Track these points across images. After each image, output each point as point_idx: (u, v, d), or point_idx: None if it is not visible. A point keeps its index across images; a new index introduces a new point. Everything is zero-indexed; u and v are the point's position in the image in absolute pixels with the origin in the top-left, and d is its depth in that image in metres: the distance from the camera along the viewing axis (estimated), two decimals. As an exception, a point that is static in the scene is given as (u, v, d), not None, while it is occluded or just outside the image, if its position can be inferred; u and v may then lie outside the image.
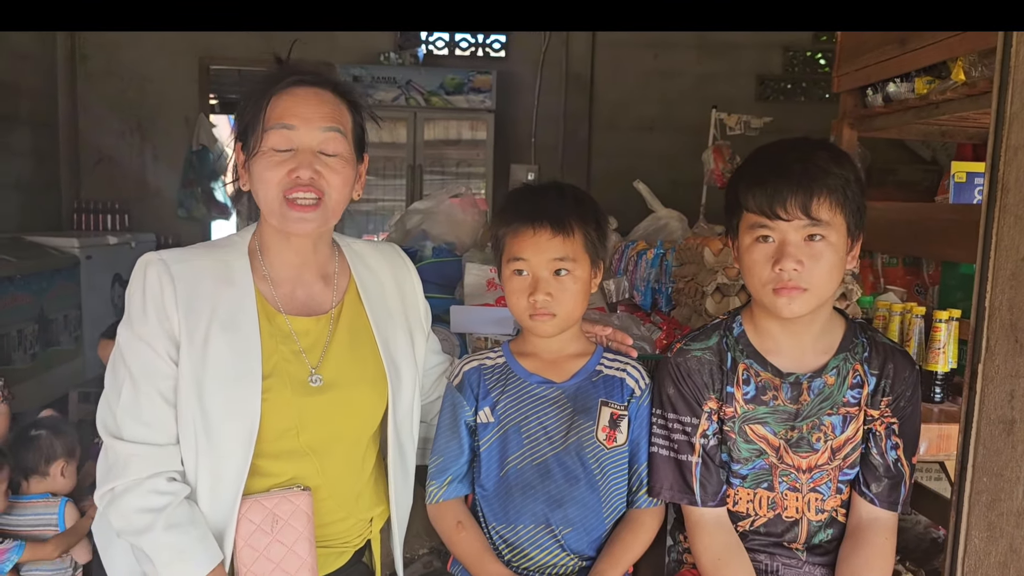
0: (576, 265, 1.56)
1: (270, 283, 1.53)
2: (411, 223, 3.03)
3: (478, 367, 1.66)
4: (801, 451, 1.55)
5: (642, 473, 1.61)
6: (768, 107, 6.45)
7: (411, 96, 6.37)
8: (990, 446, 1.41)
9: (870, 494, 1.55)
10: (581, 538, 1.58)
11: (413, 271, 1.76)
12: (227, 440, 1.42)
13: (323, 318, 1.56)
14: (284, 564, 1.43)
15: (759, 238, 1.48)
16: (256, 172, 1.46)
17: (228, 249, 1.54)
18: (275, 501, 1.44)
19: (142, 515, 1.38)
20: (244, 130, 1.49)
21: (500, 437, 1.61)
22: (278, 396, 1.46)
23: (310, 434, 1.50)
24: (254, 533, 1.42)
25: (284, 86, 1.46)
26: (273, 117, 1.45)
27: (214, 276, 1.49)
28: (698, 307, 2.06)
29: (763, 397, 1.55)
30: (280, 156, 1.44)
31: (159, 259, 1.47)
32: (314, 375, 1.51)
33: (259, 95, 1.47)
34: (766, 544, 1.59)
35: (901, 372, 1.56)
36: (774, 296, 1.46)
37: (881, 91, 2.63)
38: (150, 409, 1.42)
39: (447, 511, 1.62)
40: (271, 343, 1.48)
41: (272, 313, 1.51)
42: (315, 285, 1.58)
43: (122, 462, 1.40)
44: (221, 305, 1.46)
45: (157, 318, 1.43)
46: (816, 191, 1.43)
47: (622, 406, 1.60)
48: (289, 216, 1.45)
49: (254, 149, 1.45)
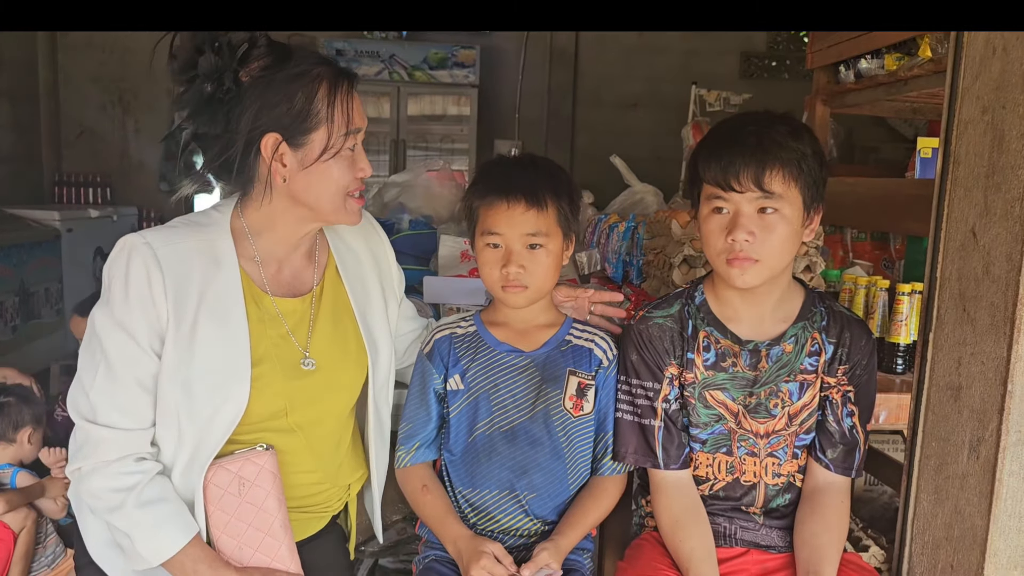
0: (549, 239, 1.58)
1: (258, 263, 1.51)
2: (388, 196, 3.05)
3: (449, 336, 1.68)
4: (759, 417, 1.59)
5: (608, 441, 1.65)
6: (752, 84, 6.49)
7: (394, 71, 6.36)
8: (938, 411, 1.46)
9: (825, 459, 1.59)
10: (545, 503, 1.62)
11: (385, 239, 1.77)
12: (211, 426, 1.43)
13: (307, 297, 1.56)
14: (256, 523, 1.46)
15: (715, 209, 1.51)
16: (324, 171, 1.45)
17: (211, 228, 1.50)
18: (239, 464, 1.45)
19: (113, 494, 1.39)
20: (293, 123, 1.42)
21: (469, 404, 1.64)
22: (269, 381, 1.47)
23: (299, 414, 1.52)
24: (223, 497, 1.45)
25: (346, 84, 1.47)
26: (354, 120, 1.47)
27: (201, 258, 1.45)
28: (666, 279, 2.09)
29: (723, 364, 1.59)
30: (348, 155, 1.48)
31: (144, 243, 1.41)
32: (307, 359, 1.52)
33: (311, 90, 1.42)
34: (725, 508, 1.63)
35: (858, 341, 1.60)
36: (727, 266, 1.50)
37: (853, 68, 2.66)
38: (126, 396, 1.41)
39: (414, 475, 1.66)
40: (259, 327, 1.48)
41: (259, 295, 1.50)
42: (299, 263, 1.58)
43: (92, 443, 1.40)
44: (209, 289, 1.44)
45: (142, 309, 1.39)
46: (769, 164, 1.45)
47: (589, 375, 1.63)
48: (352, 209, 1.51)
49: (324, 151, 1.43)
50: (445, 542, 1.59)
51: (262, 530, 1.46)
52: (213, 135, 1.41)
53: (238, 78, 1.39)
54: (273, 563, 1.47)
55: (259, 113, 1.40)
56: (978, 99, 1.37)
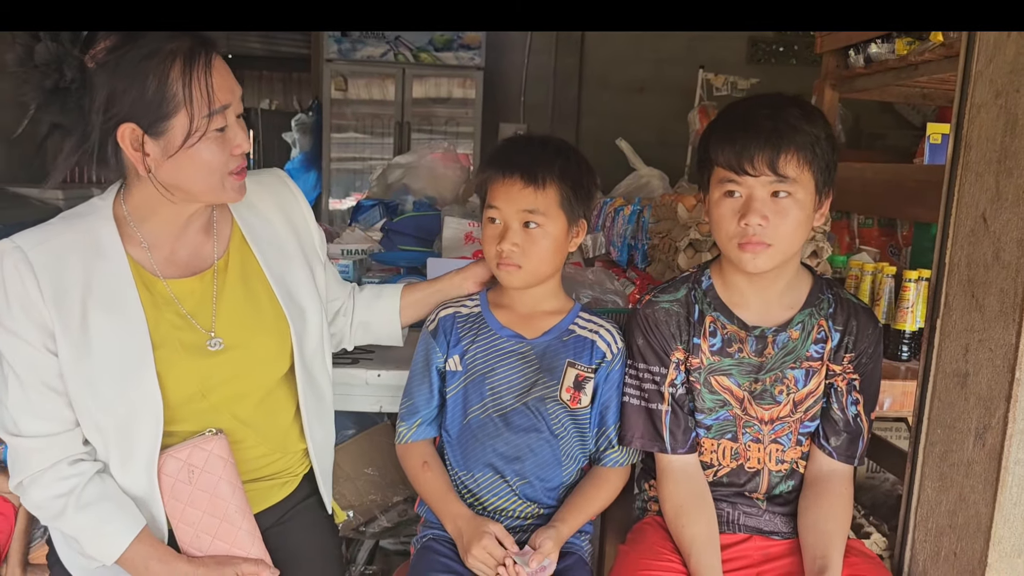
0: (547, 219, 1.56)
1: (146, 248, 1.43)
2: (393, 177, 3.03)
3: (453, 315, 1.68)
4: (764, 403, 1.58)
5: (610, 435, 1.63)
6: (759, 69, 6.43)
7: (399, 52, 6.32)
8: (944, 399, 1.45)
9: (829, 447, 1.59)
10: (536, 489, 1.61)
11: (300, 197, 1.67)
12: (130, 419, 1.39)
13: (207, 274, 1.48)
14: (210, 510, 1.43)
15: (726, 193, 1.49)
16: (193, 156, 1.34)
17: (91, 218, 1.42)
18: (187, 451, 1.42)
19: (53, 501, 1.37)
20: (148, 110, 1.31)
21: (465, 386, 1.63)
22: (174, 365, 1.41)
23: (217, 395, 1.47)
24: (174, 485, 1.42)
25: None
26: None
27: (81, 251, 1.38)
28: (671, 263, 2.07)
29: (729, 349, 1.58)
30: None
31: (14, 247, 1.35)
32: (213, 339, 1.46)
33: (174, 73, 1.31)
34: (728, 494, 1.62)
35: (864, 329, 1.59)
36: (739, 251, 1.48)
37: (863, 52, 2.63)
38: (40, 402, 1.37)
39: (414, 451, 1.66)
40: (154, 312, 1.42)
41: (150, 280, 1.43)
42: (196, 240, 1.49)
43: (23, 456, 1.38)
44: (94, 282, 1.38)
45: (24, 312, 1.34)
46: (784, 147, 1.44)
47: (589, 368, 1.61)
48: (232, 187, 1.41)
49: (187, 137, 1.32)
50: (444, 520, 1.59)
51: (217, 516, 1.44)
52: (68, 125, 1.32)
53: (82, 64, 1.28)
54: (232, 549, 1.44)
55: (109, 102, 1.28)
56: (991, 83, 1.35)
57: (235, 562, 1.44)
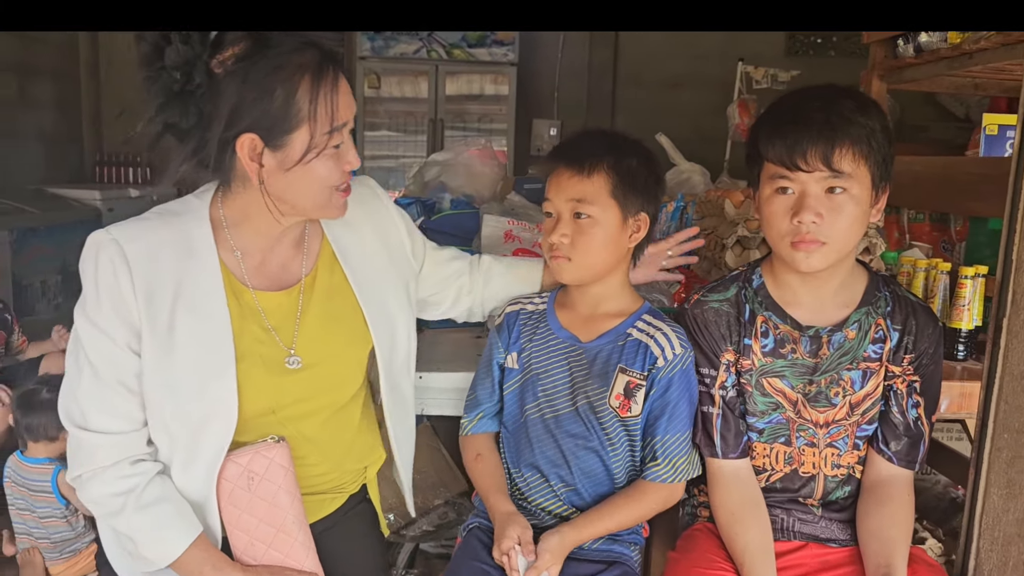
0: (597, 210, 1.51)
1: (238, 255, 1.42)
2: (429, 175, 3.00)
3: (518, 312, 1.66)
4: (819, 406, 1.52)
5: (656, 446, 1.53)
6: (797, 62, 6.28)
7: (433, 49, 6.29)
8: (1012, 402, 1.39)
9: (888, 452, 1.53)
10: (584, 497, 1.57)
11: (389, 204, 1.64)
12: (201, 425, 1.37)
13: (294, 290, 1.46)
14: (268, 519, 1.41)
15: (778, 189, 1.44)
16: (307, 171, 1.33)
17: (186, 217, 1.41)
18: (248, 457, 1.40)
19: (112, 499, 1.36)
20: (272, 124, 1.29)
21: (520, 386, 1.61)
22: (251, 379, 1.39)
23: (287, 411, 1.45)
24: (233, 491, 1.40)
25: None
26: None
27: (174, 249, 1.37)
28: (718, 260, 2.02)
29: (781, 350, 1.53)
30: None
31: (111, 239, 1.33)
32: (292, 356, 1.44)
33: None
34: (782, 500, 1.57)
35: (924, 328, 1.52)
36: (792, 249, 1.43)
37: (912, 41, 2.54)
38: (113, 399, 1.35)
39: (472, 444, 1.65)
40: (240, 323, 1.40)
41: (240, 289, 1.41)
42: (286, 253, 1.47)
43: (87, 450, 1.36)
44: (185, 282, 1.36)
45: (113, 308, 1.33)
46: (838, 141, 1.38)
47: (641, 375, 1.53)
48: (337, 204, 1.41)
49: (305, 152, 1.32)
50: (490, 514, 1.56)
51: (274, 525, 1.41)
52: (185, 128, 1.30)
53: (210, 70, 1.26)
54: (287, 560, 1.42)
55: (234, 113, 1.27)
56: (1063, 71, 1.28)
57: (288, 574, 1.42)
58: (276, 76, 1.28)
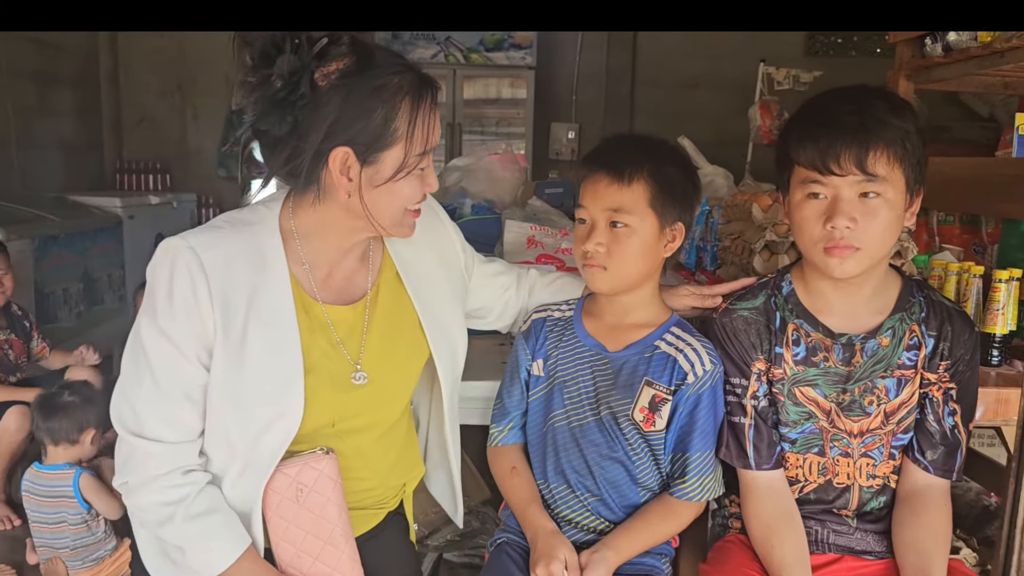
0: (635, 219, 1.48)
1: (306, 268, 1.41)
2: (450, 180, 2.98)
3: (544, 319, 1.63)
4: (853, 415, 1.49)
5: (686, 463, 1.50)
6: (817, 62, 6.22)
7: (450, 53, 6.28)
8: (1055, 411, 1.35)
9: (924, 461, 1.49)
10: (611, 507, 1.55)
11: (446, 221, 1.66)
12: (260, 437, 1.35)
13: (359, 304, 1.46)
14: (315, 531, 1.39)
15: (810, 194, 1.40)
16: (393, 190, 1.35)
17: (258, 227, 1.40)
18: (297, 468, 1.38)
19: (161, 508, 1.33)
20: (368, 140, 1.30)
21: (545, 394, 1.59)
22: (318, 394, 1.38)
23: (344, 425, 1.44)
24: (281, 503, 1.38)
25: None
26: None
27: (247, 259, 1.36)
28: (745, 265, 1.98)
29: (813, 358, 1.49)
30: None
31: (188, 248, 1.31)
32: (358, 372, 1.43)
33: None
34: (816, 511, 1.53)
35: (960, 334, 1.48)
36: (825, 255, 1.39)
37: (941, 40, 2.49)
38: (174, 409, 1.33)
39: (504, 455, 1.62)
40: (309, 337, 1.38)
41: (309, 303, 1.40)
42: (352, 267, 1.47)
43: (139, 458, 1.34)
44: (257, 293, 1.35)
45: (188, 320, 1.31)
46: (872, 144, 1.35)
47: (668, 389, 1.50)
48: (409, 223, 1.43)
49: (397, 171, 1.33)
50: (525, 528, 1.54)
51: (321, 538, 1.39)
52: (277, 136, 1.30)
53: (314, 81, 1.26)
54: (334, 573, 1.40)
55: (333, 126, 1.28)
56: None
57: None
58: (378, 95, 1.29)
